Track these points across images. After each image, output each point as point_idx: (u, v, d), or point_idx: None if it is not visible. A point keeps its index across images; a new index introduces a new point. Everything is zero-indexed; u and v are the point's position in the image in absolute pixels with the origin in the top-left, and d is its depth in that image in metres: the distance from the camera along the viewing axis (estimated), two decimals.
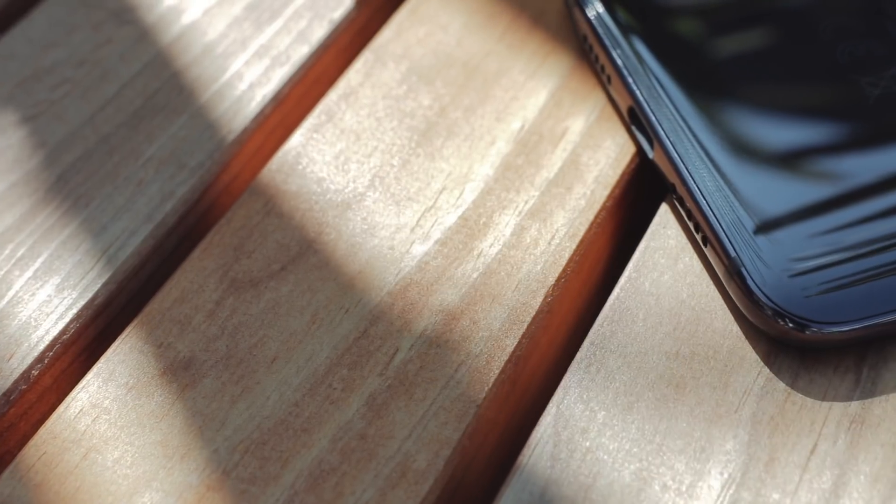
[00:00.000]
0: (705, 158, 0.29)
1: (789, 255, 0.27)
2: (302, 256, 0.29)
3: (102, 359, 0.27)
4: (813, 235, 0.27)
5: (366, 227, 0.30)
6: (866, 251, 0.27)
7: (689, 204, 0.28)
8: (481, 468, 0.27)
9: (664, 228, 0.29)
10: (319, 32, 0.35)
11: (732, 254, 0.27)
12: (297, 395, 0.27)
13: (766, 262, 0.27)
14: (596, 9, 0.32)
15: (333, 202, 0.30)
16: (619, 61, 0.31)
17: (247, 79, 0.33)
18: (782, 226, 0.27)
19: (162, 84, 0.33)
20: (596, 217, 0.30)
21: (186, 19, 0.35)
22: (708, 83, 0.31)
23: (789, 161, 0.29)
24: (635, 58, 0.31)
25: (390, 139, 0.32)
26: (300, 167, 0.31)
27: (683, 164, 0.29)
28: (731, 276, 0.27)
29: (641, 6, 0.32)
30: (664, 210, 0.30)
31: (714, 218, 0.28)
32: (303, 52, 0.34)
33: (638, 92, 0.30)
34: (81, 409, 0.27)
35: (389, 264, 0.29)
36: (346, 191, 0.31)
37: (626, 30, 0.32)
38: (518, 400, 0.28)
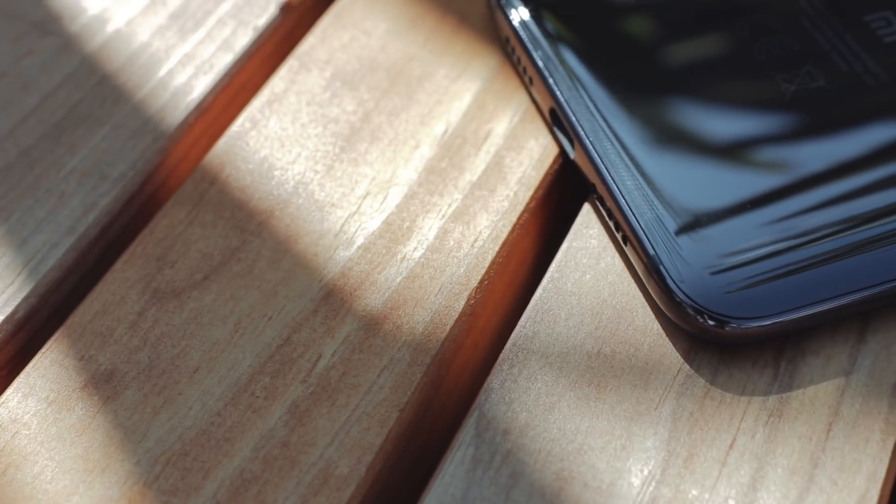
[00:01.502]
0: (625, 158, 0.29)
1: (708, 252, 0.27)
2: (225, 265, 0.29)
3: (22, 373, 0.27)
4: (732, 232, 0.27)
5: (290, 234, 0.30)
6: (784, 247, 0.27)
7: (609, 203, 0.28)
8: (406, 472, 0.27)
9: (586, 228, 0.29)
10: (244, 40, 0.34)
11: (651, 252, 0.27)
12: (220, 405, 0.27)
13: (686, 259, 0.27)
14: (518, 11, 0.32)
15: (257, 210, 0.30)
16: (540, 63, 0.31)
17: (171, 88, 0.33)
18: (702, 223, 0.28)
19: (85, 95, 0.33)
20: (519, 218, 0.30)
21: (110, 29, 0.35)
22: (629, 83, 0.31)
23: (710, 159, 0.29)
24: (557, 59, 0.31)
25: (314, 145, 0.32)
26: (224, 175, 0.31)
27: (603, 163, 0.29)
28: (650, 274, 0.27)
29: (562, 8, 0.33)
30: (586, 210, 0.30)
31: (633, 216, 0.28)
32: (227, 60, 0.34)
33: (558, 93, 0.30)
34: (0, 425, 0.26)
35: (313, 271, 0.29)
36: (270, 198, 0.30)
37: (547, 31, 0.32)
38: (443, 403, 0.28)
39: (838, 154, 0.29)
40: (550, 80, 0.31)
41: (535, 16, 0.32)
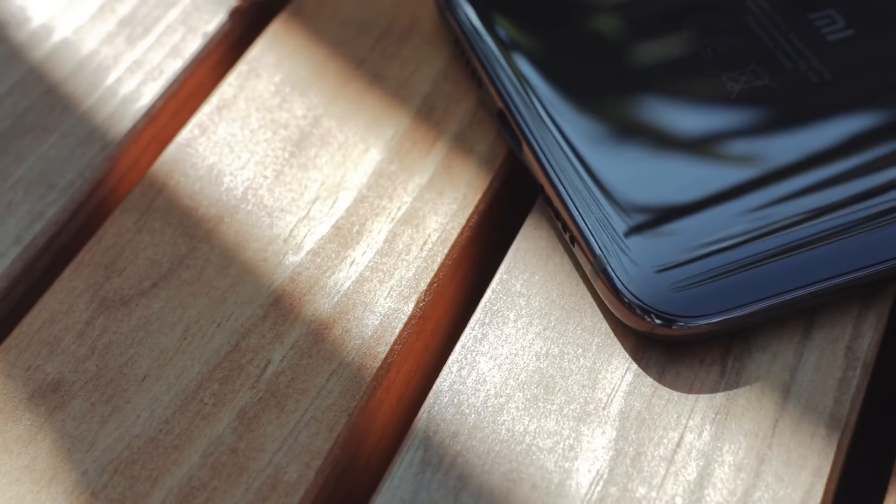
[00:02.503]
0: (572, 158, 0.29)
1: (655, 252, 0.27)
2: (173, 272, 0.29)
3: None
4: (678, 232, 0.28)
5: (238, 240, 0.30)
6: (730, 245, 0.27)
7: (557, 204, 0.29)
8: (356, 476, 0.27)
9: (535, 229, 0.30)
10: (193, 46, 0.34)
11: (598, 252, 0.27)
12: (168, 413, 0.26)
13: (632, 259, 0.27)
14: (466, 13, 0.33)
15: (206, 216, 0.30)
16: (488, 64, 0.31)
17: (119, 95, 0.33)
18: (649, 223, 0.28)
19: (32, 103, 0.33)
20: (468, 221, 0.30)
21: (57, 37, 0.34)
22: (577, 83, 0.31)
23: (657, 158, 0.29)
24: (504, 60, 0.31)
25: (263, 151, 0.32)
26: (172, 182, 0.31)
27: (549, 164, 0.29)
28: (597, 274, 0.27)
29: (510, 9, 0.33)
30: (536, 211, 0.30)
31: (580, 217, 0.28)
32: (176, 66, 0.34)
33: (506, 94, 0.30)
34: None
35: (262, 276, 0.29)
36: (219, 204, 0.30)
37: (495, 33, 0.32)
38: (393, 406, 0.28)
39: (783, 153, 0.29)
40: (498, 82, 0.31)
41: (483, 17, 0.32)
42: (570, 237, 0.28)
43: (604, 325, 0.28)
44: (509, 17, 0.32)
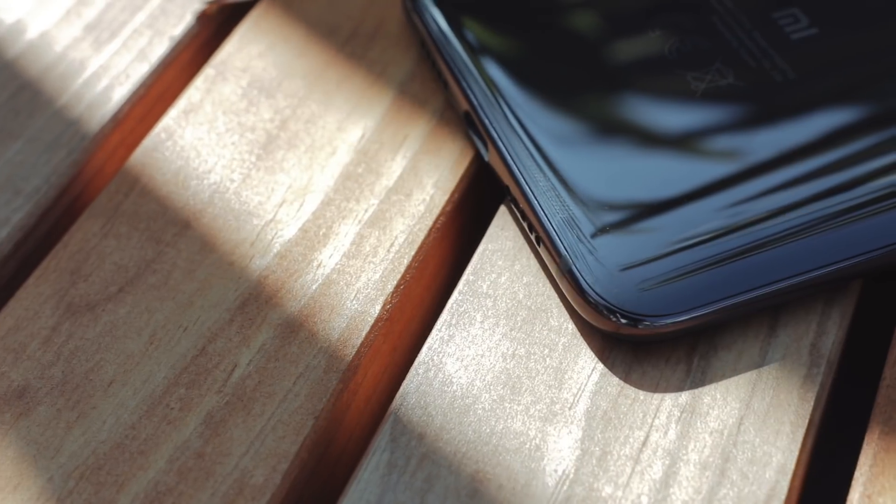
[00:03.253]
0: (538, 159, 0.29)
1: (621, 252, 0.27)
2: (140, 277, 0.29)
3: None
4: (644, 231, 0.28)
5: (205, 243, 0.30)
6: (695, 244, 0.27)
7: (523, 205, 0.29)
8: (324, 479, 0.27)
9: (502, 230, 0.30)
10: (160, 50, 0.34)
11: (563, 252, 0.27)
12: (134, 418, 0.26)
13: (598, 259, 0.27)
14: (432, 15, 0.33)
15: (173, 220, 0.30)
16: (454, 66, 0.31)
17: (86, 99, 0.33)
18: (615, 223, 0.28)
19: None
20: (435, 222, 0.30)
21: (23, 42, 0.34)
22: (543, 84, 0.31)
23: (623, 159, 0.29)
24: (470, 61, 0.31)
25: (231, 154, 0.32)
26: (139, 186, 0.31)
27: (515, 165, 0.29)
28: (563, 274, 0.27)
29: (476, 11, 0.33)
30: (502, 212, 0.30)
31: (545, 217, 0.28)
32: (143, 70, 0.34)
33: (471, 95, 0.30)
34: None
35: (229, 280, 0.29)
36: (186, 208, 0.30)
37: (461, 34, 0.32)
38: (361, 408, 0.28)
39: (747, 152, 0.29)
40: (463, 83, 0.31)
41: (449, 18, 0.32)
42: (535, 237, 0.28)
43: (570, 326, 0.28)
44: (475, 18, 0.32)
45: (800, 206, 0.27)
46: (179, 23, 0.35)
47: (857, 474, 0.25)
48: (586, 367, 0.27)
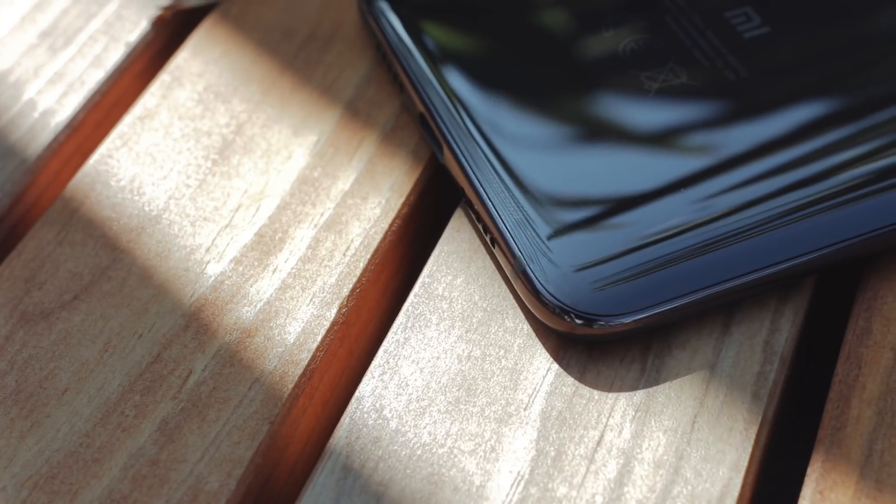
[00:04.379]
0: (493, 160, 0.29)
1: (575, 252, 0.27)
2: (95, 284, 0.29)
3: None
4: (598, 231, 0.28)
5: (160, 250, 0.29)
6: (649, 243, 0.27)
7: (477, 206, 0.29)
8: (281, 484, 0.27)
9: (458, 232, 0.30)
10: (115, 56, 0.34)
11: (518, 253, 0.27)
12: (88, 426, 0.26)
13: (552, 259, 0.27)
14: (388, 17, 0.33)
15: (127, 227, 0.30)
16: (408, 68, 0.31)
17: (40, 107, 0.33)
18: (569, 223, 0.28)
19: None
20: (391, 225, 0.30)
21: None
22: (497, 86, 0.31)
23: (577, 159, 0.30)
24: (425, 63, 0.31)
25: (186, 160, 0.31)
26: (94, 194, 0.31)
27: (469, 167, 0.29)
28: (517, 275, 0.27)
29: (431, 13, 0.33)
30: (458, 214, 0.30)
31: (499, 219, 0.28)
32: (98, 76, 0.34)
33: (426, 97, 0.31)
34: None
35: (184, 286, 0.29)
36: (141, 215, 0.30)
37: (416, 36, 0.32)
38: (318, 413, 0.28)
39: (701, 152, 0.29)
40: (418, 85, 0.31)
41: (404, 21, 0.32)
42: (490, 239, 0.28)
43: (525, 326, 0.28)
44: (430, 20, 0.33)
45: (752, 205, 0.28)
46: (135, 29, 0.35)
47: (809, 470, 0.25)
48: (541, 367, 0.27)
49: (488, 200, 0.28)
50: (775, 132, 0.29)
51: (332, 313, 0.28)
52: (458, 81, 0.31)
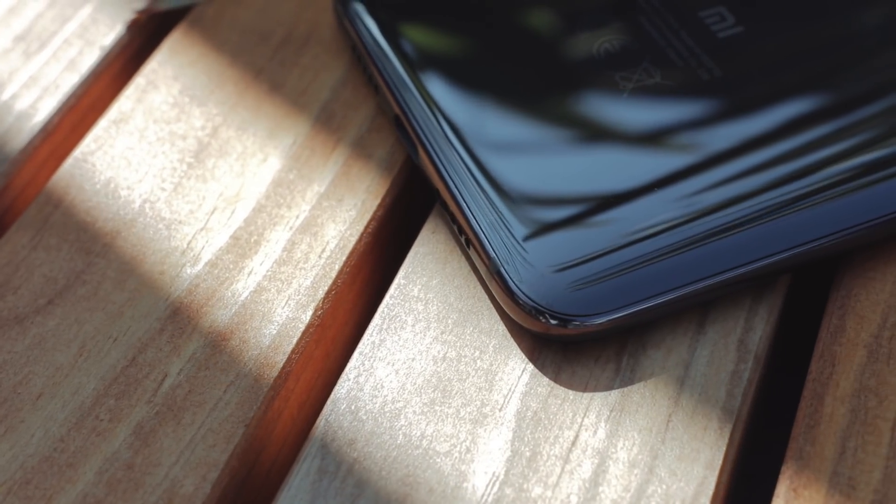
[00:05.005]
0: (468, 161, 0.29)
1: (549, 253, 0.27)
2: (70, 288, 0.29)
3: None
4: (573, 232, 0.28)
5: (136, 253, 0.29)
6: (623, 244, 0.27)
7: (452, 207, 0.29)
8: (257, 486, 0.27)
9: (433, 234, 0.30)
10: (91, 60, 0.34)
11: (492, 254, 0.27)
12: (63, 430, 0.26)
13: (526, 260, 0.27)
14: (363, 19, 0.33)
15: (103, 231, 0.30)
16: (383, 70, 0.31)
17: (15, 111, 0.33)
18: (544, 224, 0.28)
19: None
20: (366, 227, 0.30)
21: None
22: (472, 86, 0.31)
23: (552, 160, 0.30)
24: (401, 65, 0.31)
25: (161, 163, 0.31)
26: (69, 198, 0.31)
27: (444, 168, 0.29)
28: (492, 276, 0.27)
29: (406, 15, 0.33)
30: (434, 216, 0.30)
31: (474, 220, 0.28)
32: (73, 80, 0.34)
33: (401, 99, 0.31)
34: None
35: (159, 290, 0.29)
36: (116, 219, 0.30)
37: (391, 39, 0.32)
38: (294, 415, 0.28)
39: (675, 151, 0.29)
40: (393, 87, 0.31)
41: (380, 23, 0.32)
42: (465, 240, 0.28)
43: (500, 327, 0.28)
44: (405, 22, 0.33)
45: (726, 204, 0.28)
46: (110, 32, 0.35)
47: (783, 468, 0.25)
48: (517, 368, 0.27)
49: (463, 202, 0.28)
50: (749, 132, 0.29)
51: (307, 316, 0.28)
52: (432, 83, 0.31)
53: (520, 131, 0.30)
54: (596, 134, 0.30)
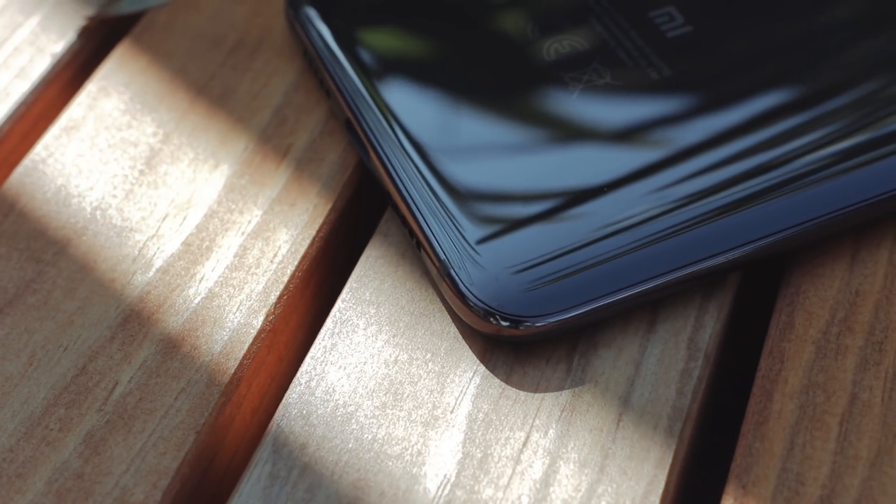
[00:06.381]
0: (419, 163, 0.29)
1: (499, 255, 0.27)
2: (19, 298, 0.29)
3: None
4: (524, 233, 0.28)
5: (87, 261, 0.29)
6: (573, 245, 0.27)
7: (403, 210, 0.29)
8: (210, 493, 0.27)
9: (385, 237, 0.30)
10: (41, 67, 0.34)
11: (442, 256, 0.27)
12: (12, 441, 0.26)
13: (477, 262, 0.27)
14: (314, 23, 0.33)
15: (53, 239, 0.30)
16: (334, 73, 0.31)
17: None
18: (495, 226, 0.28)
19: None
20: (318, 231, 0.30)
21: None
22: (423, 90, 0.31)
23: (502, 162, 0.30)
24: (351, 69, 0.31)
25: (113, 170, 0.31)
26: (19, 206, 0.30)
27: (395, 171, 0.29)
28: (442, 278, 0.27)
29: (357, 19, 0.33)
30: (386, 219, 0.30)
31: (424, 222, 0.28)
32: (23, 88, 0.33)
33: (352, 102, 0.31)
34: None
35: (110, 297, 0.29)
36: (67, 227, 0.30)
37: (343, 42, 0.32)
38: (247, 421, 0.28)
39: (624, 152, 0.29)
40: (344, 91, 0.31)
41: (331, 26, 0.32)
42: (416, 243, 0.28)
43: (452, 329, 0.28)
44: (356, 26, 0.32)
45: (675, 204, 0.28)
46: (61, 40, 0.35)
47: (733, 466, 0.25)
48: (468, 370, 0.27)
49: (413, 204, 0.28)
50: (697, 132, 0.29)
51: (259, 321, 0.28)
52: (383, 86, 0.31)
53: (471, 134, 0.30)
54: (546, 136, 0.30)
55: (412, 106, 0.30)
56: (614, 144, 0.29)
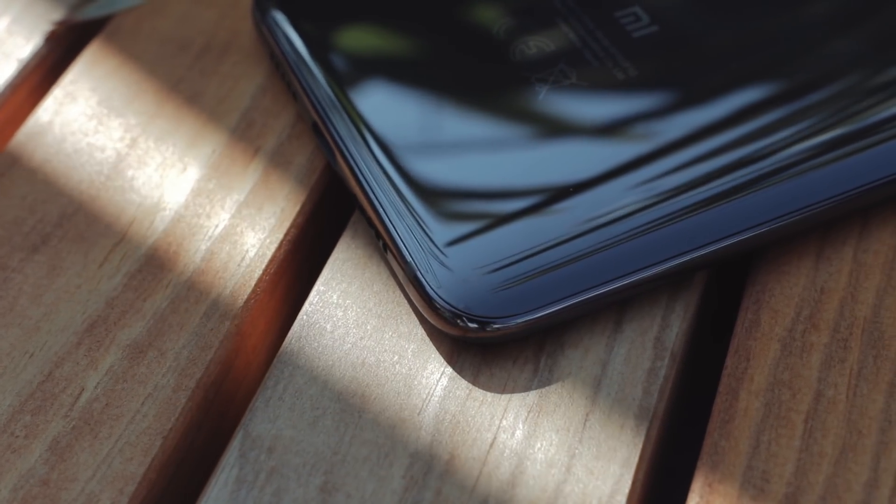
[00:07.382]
0: (386, 165, 0.29)
1: (466, 257, 0.27)
2: None
3: None
4: (491, 235, 0.28)
5: (53, 268, 0.29)
6: (540, 246, 0.27)
7: (369, 213, 0.29)
8: (177, 498, 0.27)
9: (353, 240, 0.30)
10: (7, 73, 0.34)
11: (409, 259, 0.27)
12: None
13: (443, 264, 0.27)
14: (281, 25, 0.32)
15: (19, 246, 0.30)
16: (301, 76, 0.31)
17: None
18: (461, 227, 0.28)
19: None
20: (286, 235, 0.30)
21: None
22: (390, 92, 0.31)
23: (469, 163, 0.30)
24: (319, 72, 0.31)
25: (79, 176, 0.31)
26: None
27: (361, 173, 0.29)
28: (409, 280, 0.27)
29: (323, 21, 0.33)
30: (353, 221, 0.30)
31: (390, 224, 0.28)
32: None
33: (319, 105, 0.30)
34: None
35: (76, 304, 0.28)
36: (33, 232, 0.30)
37: (309, 45, 0.32)
38: (214, 426, 0.28)
39: (591, 153, 0.29)
40: (311, 93, 0.31)
41: (298, 29, 0.32)
42: (383, 245, 0.28)
43: (419, 331, 0.28)
44: (322, 29, 0.32)
45: (641, 204, 0.28)
46: (27, 44, 0.34)
47: (699, 463, 0.25)
48: (435, 371, 0.27)
49: (380, 206, 0.28)
50: (663, 132, 0.29)
51: (226, 325, 0.28)
52: (350, 88, 0.31)
53: (437, 136, 0.30)
54: (512, 138, 0.30)
55: (379, 109, 0.30)
56: (581, 145, 0.29)
